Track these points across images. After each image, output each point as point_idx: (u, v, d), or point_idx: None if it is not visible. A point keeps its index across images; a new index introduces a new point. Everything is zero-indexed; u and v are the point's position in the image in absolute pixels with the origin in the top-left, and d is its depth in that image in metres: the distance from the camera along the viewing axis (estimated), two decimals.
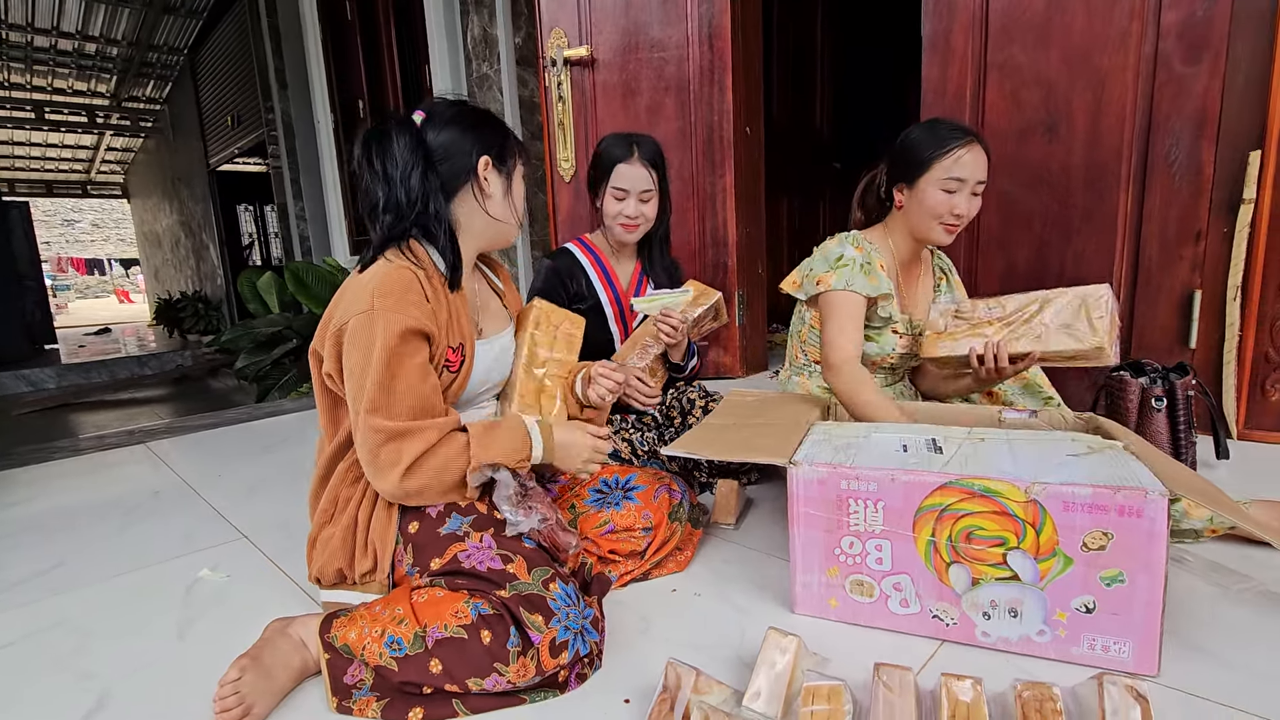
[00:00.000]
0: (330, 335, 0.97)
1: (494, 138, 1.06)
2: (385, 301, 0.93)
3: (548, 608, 0.86)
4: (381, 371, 0.92)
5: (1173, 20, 1.61)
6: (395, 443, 0.92)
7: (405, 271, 0.97)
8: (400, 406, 0.93)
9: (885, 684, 0.75)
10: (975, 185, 1.31)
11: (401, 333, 0.93)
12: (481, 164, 1.05)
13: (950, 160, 1.29)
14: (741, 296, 2.48)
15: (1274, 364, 1.63)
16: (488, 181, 1.06)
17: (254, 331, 4.08)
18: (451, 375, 1.03)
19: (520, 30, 2.91)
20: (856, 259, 1.35)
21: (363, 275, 0.99)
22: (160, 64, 7.63)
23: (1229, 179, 1.60)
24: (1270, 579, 1.04)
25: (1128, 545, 0.81)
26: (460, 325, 1.05)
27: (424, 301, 0.97)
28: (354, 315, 0.94)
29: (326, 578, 1.03)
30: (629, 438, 1.46)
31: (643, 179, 1.47)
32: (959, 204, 1.31)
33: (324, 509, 1.04)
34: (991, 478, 0.86)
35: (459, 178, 1.04)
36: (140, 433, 2.37)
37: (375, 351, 0.92)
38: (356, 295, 0.96)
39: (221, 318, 8.45)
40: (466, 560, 0.93)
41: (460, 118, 1.05)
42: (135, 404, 5.84)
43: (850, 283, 1.33)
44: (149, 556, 1.34)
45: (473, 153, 1.04)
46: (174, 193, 9.63)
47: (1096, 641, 0.84)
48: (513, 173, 1.09)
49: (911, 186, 1.35)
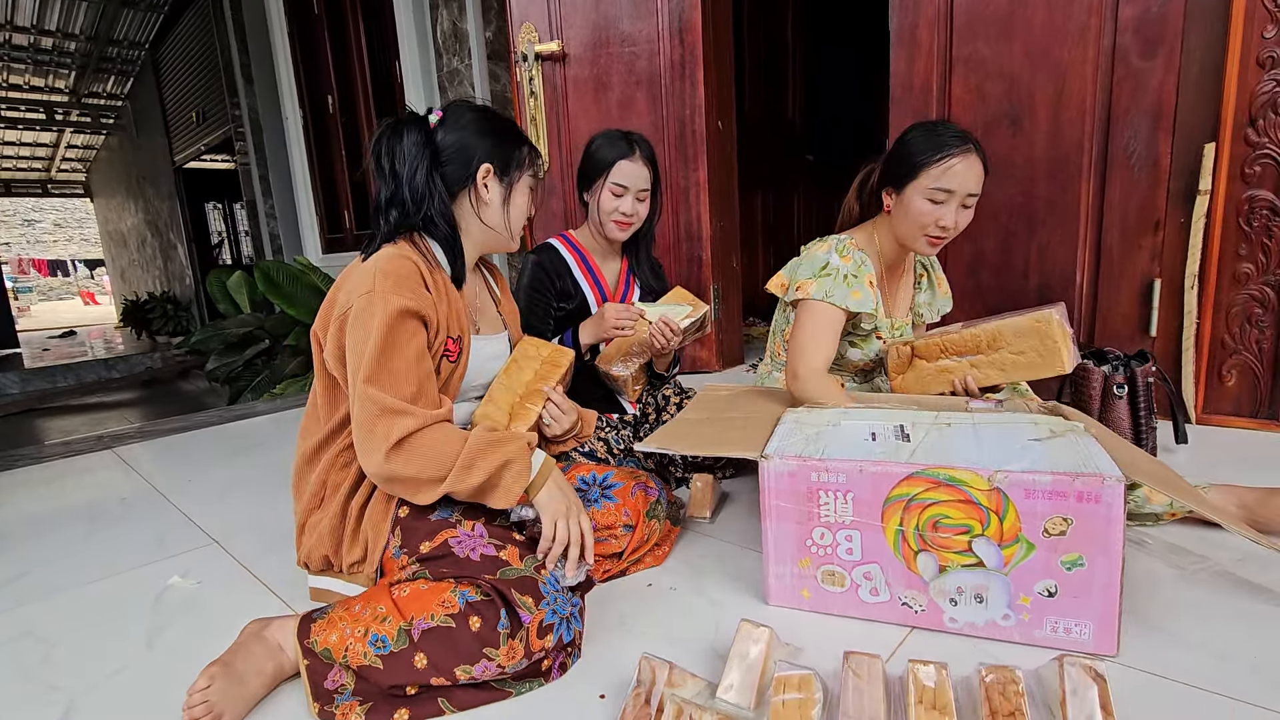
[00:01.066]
0: (335, 319, 0.98)
1: (502, 147, 1.08)
2: (386, 283, 0.95)
3: (538, 590, 0.88)
4: (380, 346, 0.93)
5: (1130, 15, 1.64)
6: (390, 417, 0.92)
7: (407, 260, 0.99)
8: (399, 384, 0.94)
9: (854, 671, 0.76)
10: (965, 198, 1.25)
11: (401, 311, 0.94)
12: (482, 171, 1.06)
13: (940, 169, 1.24)
14: (717, 291, 2.49)
15: (1230, 350, 1.68)
16: (486, 189, 1.08)
17: (225, 332, 4.01)
18: (451, 365, 1.05)
19: (491, 25, 2.88)
20: (842, 269, 1.30)
21: (366, 262, 1.00)
22: (121, 59, 7.43)
23: (1185, 170, 1.65)
24: (1226, 559, 1.07)
25: (1087, 530, 0.83)
26: (459, 317, 1.07)
27: (423, 289, 0.99)
28: (357, 297, 0.96)
29: (314, 563, 1.04)
30: (604, 436, 1.47)
31: (643, 177, 1.47)
32: (945, 216, 1.25)
33: (314, 492, 1.05)
34: (956, 467, 0.88)
35: (460, 181, 1.07)
36: (108, 438, 2.32)
37: (375, 328, 0.94)
38: (360, 278, 0.98)
39: (191, 318, 8.28)
40: (458, 547, 0.93)
41: (473, 123, 1.07)
42: (103, 408, 5.71)
43: (830, 294, 1.29)
44: (117, 564, 1.32)
45: (475, 159, 1.06)
46: (139, 191, 9.40)
47: (1059, 624, 0.87)
48: (515, 184, 1.10)
49: (900, 192, 1.30)
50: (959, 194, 1.24)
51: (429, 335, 1.00)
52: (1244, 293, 1.64)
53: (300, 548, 1.06)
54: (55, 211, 21.36)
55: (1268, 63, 1.53)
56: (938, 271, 1.57)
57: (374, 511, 1.00)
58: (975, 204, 1.28)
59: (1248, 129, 1.58)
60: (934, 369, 1.36)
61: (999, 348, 1.30)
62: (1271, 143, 1.56)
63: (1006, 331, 1.29)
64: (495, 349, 1.17)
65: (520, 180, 1.11)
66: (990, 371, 1.31)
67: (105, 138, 10.45)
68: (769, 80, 3.64)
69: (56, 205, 20.70)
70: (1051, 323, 1.25)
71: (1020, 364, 1.28)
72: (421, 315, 0.98)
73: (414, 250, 1.02)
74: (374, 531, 0.99)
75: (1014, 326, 1.28)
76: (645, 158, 1.47)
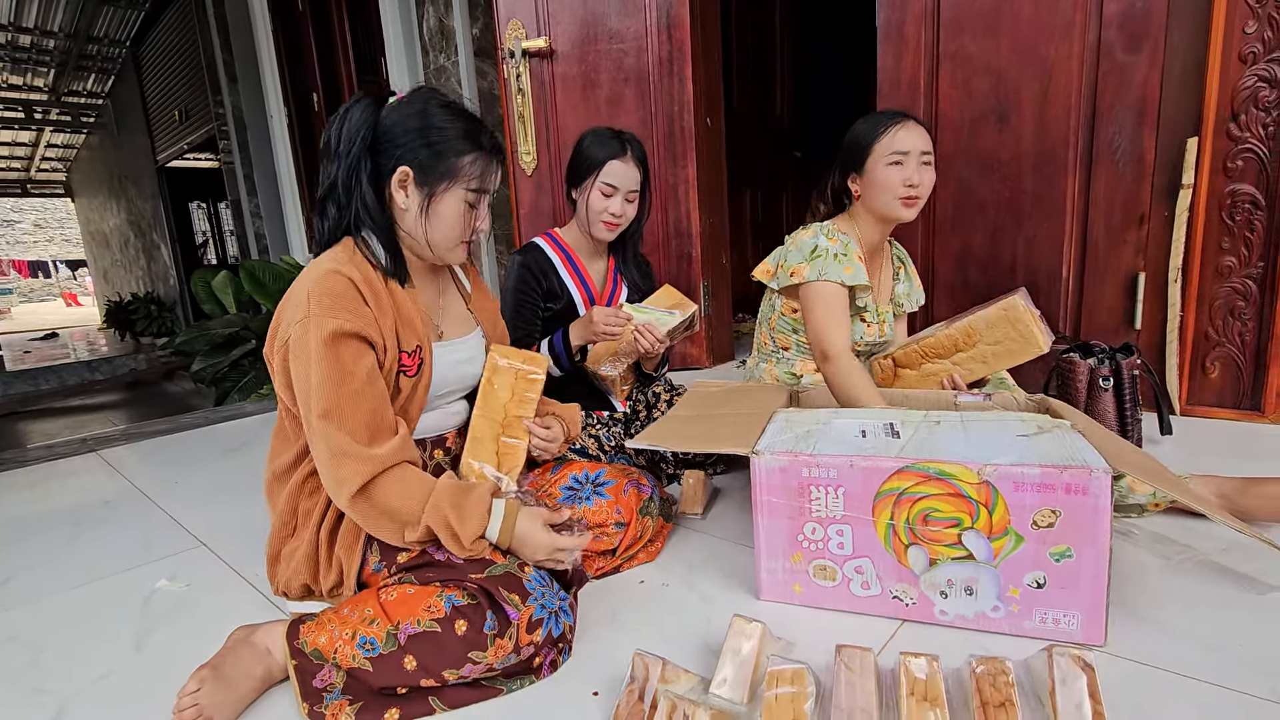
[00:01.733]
0: (278, 349, 0.94)
1: (433, 151, 0.96)
2: (320, 306, 0.90)
3: (524, 588, 0.87)
4: (324, 378, 0.89)
5: (1114, 10, 1.66)
6: (346, 462, 0.89)
7: (339, 277, 0.92)
8: (351, 415, 0.90)
9: (846, 665, 0.77)
10: (921, 156, 1.35)
11: (338, 335, 0.90)
12: (399, 174, 0.97)
13: (888, 138, 1.35)
14: (707, 287, 2.49)
15: (1214, 342, 1.70)
16: (404, 194, 0.98)
17: (210, 333, 3.97)
18: (411, 380, 1.00)
19: (478, 21, 2.87)
20: (831, 249, 1.38)
21: (303, 274, 0.95)
22: (101, 57, 7.32)
23: (1169, 165, 1.66)
24: (1210, 549, 1.09)
25: (1075, 521, 0.84)
26: (414, 327, 1.00)
27: (362, 306, 0.93)
28: (294, 325, 0.91)
29: (293, 591, 1.02)
30: (596, 434, 1.46)
31: (633, 178, 1.46)
32: (910, 174, 1.34)
33: (284, 521, 1.02)
34: (946, 461, 0.88)
35: (382, 177, 0.98)
36: (92, 440, 2.29)
37: (315, 359, 0.89)
38: (296, 301, 0.93)
39: (175, 319, 8.18)
40: (438, 553, 0.93)
41: (417, 115, 0.97)
42: (86, 411, 5.64)
43: (825, 273, 1.36)
44: (103, 568, 1.30)
45: (397, 158, 0.96)
46: (121, 191, 9.27)
47: (1048, 615, 0.88)
48: (437, 196, 0.97)
49: (862, 172, 1.40)
50: (914, 153, 1.35)
51: (377, 354, 0.95)
52: (1226, 286, 1.66)
53: (275, 578, 1.02)
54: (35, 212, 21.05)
55: (1249, 58, 1.55)
56: (911, 266, 1.62)
57: (345, 535, 0.98)
58: (933, 162, 1.38)
59: (1230, 124, 1.59)
60: (918, 375, 1.39)
61: (975, 342, 1.34)
62: (1253, 137, 1.58)
63: (979, 325, 1.33)
64: (463, 352, 1.10)
65: (448, 193, 0.97)
66: (973, 366, 1.35)
67: (86, 137, 10.30)
68: (757, 77, 3.64)
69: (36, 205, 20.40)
70: (1018, 308, 1.29)
71: (1000, 353, 1.32)
72: (362, 336, 0.92)
73: (355, 257, 0.96)
74: (346, 554, 0.97)
75: (985, 319, 1.32)
76: (636, 158, 1.46)
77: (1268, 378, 1.63)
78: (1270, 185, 1.58)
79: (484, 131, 1.01)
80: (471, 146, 0.98)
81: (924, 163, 1.36)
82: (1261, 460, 1.43)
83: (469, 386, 1.13)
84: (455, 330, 1.12)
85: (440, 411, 1.10)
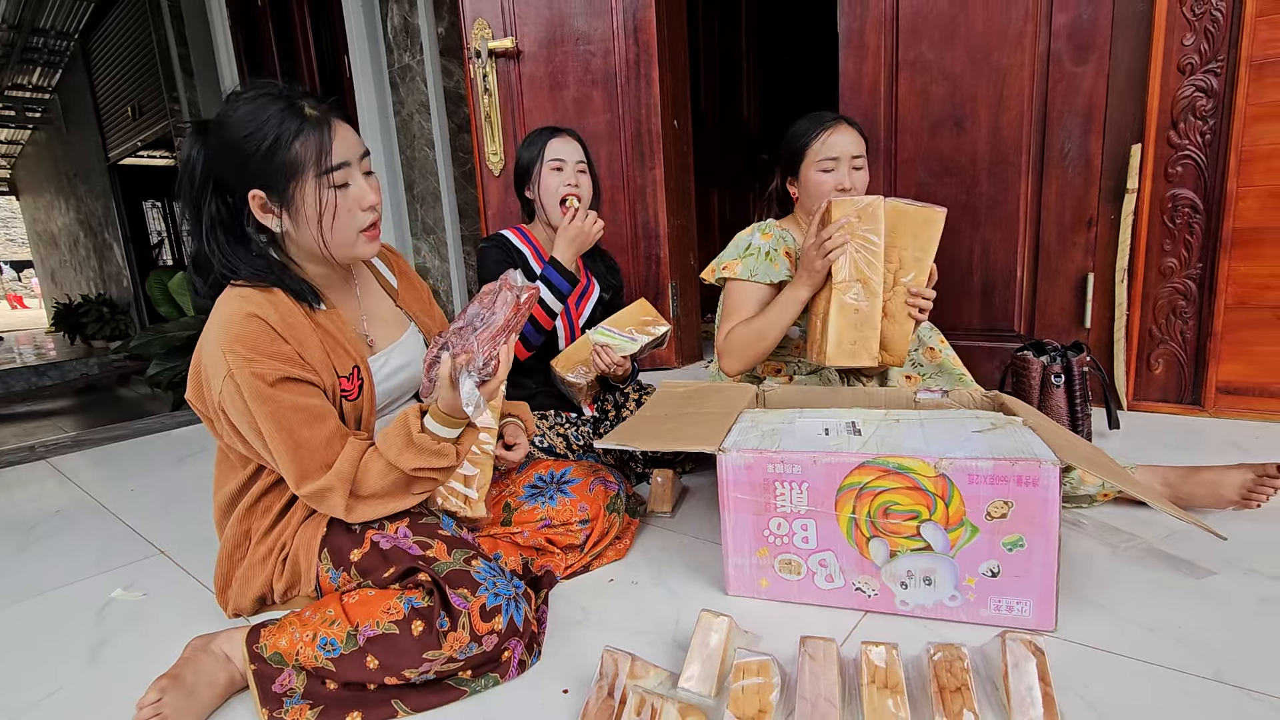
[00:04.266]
0: (213, 408, 0.90)
1: (261, 157, 0.83)
2: (238, 358, 0.84)
3: (472, 580, 0.87)
4: (279, 436, 0.86)
5: (1063, 22, 1.72)
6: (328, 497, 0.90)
7: (252, 321, 0.85)
8: (316, 453, 0.89)
9: (810, 655, 0.79)
10: (852, 160, 1.38)
11: (266, 385, 0.85)
12: (252, 201, 0.87)
13: (819, 143, 1.38)
14: (674, 288, 2.51)
15: (1158, 340, 1.78)
16: (271, 215, 0.88)
17: (167, 335, 3.84)
18: (353, 404, 0.96)
19: (443, 20, 2.84)
20: (763, 246, 1.42)
21: (212, 320, 0.88)
22: (48, 49, 7.04)
23: (1115, 170, 1.74)
24: (1154, 536, 1.14)
25: (1026, 512, 0.87)
26: (345, 348, 0.95)
27: (280, 345, 0.86)
28: (221, 382, 0.85)
29: (247, 609, 1.01)
30: (564, 433, 1.47)
31: (576, 151, 1.51)
32: (841, 179, 1.37)
33: (236, 544, 1.00)
34: (905, 456, 0.91)
35: (241, 214, 0.88)
36: (41, 448, 2.21)
37: (257, 415, 0.85)
38: (213, 356, 0.87)
39: (129, 322, 7.91)
40: (383, 541, 0.92)
41: (228, 127, 0.84)
42: (34, 417, 5.41)
43: (754, 272, 1.41)
44: (54, 579, 1.26)
45: (239, 183, 0.86)
46: (70, 189, 8.93)
47: (1002, 603, 0.91)
48: (295, 197, 0.85)
49: (797, 177, 1.44)
50: (844, 159, 1.38)
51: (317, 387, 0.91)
52: (1169, 286, 1.74)
53: (227, 603, 1.01)
54: None
55: (1187, 69, 1.63)
56: None
57: (303, 539, 0.97)
58: (865, 165, 1.41)
59: (1170, 131, 1.67)
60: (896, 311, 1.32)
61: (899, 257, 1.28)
62: (1191, 144, 1.65)
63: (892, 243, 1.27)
64: (399, 358, 1.04)
65: (303, 188, 0.85)
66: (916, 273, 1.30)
67: (32, 132, 9.89)
68: (725, 82, 3.68)
69: None
70: (881, 203, 1.24)
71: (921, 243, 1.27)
72: (292, 377, 0.87)
73: (258, 293, 0.87)
74: (305, 550, 0.96)
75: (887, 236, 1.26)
76: (572, 136, 1.52)
77: (1207, 374, 1.71)
78: (1208, 190, 1.66)
79: (303, 100, 0.87)
80: (295, 125, 0.84)
81: (855, 167, 1.39)
82: (1202, 452, 1.50)
83: (415, 389, 1.11)
84: (387, 336, 1.05)
85: (388, 419, 1.07)
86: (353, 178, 0.90)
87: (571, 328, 1.58)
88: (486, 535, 1.12)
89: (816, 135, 1.39)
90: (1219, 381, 1.71)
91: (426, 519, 0.99)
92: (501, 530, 1.13)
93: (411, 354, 1.07)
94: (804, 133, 1.41)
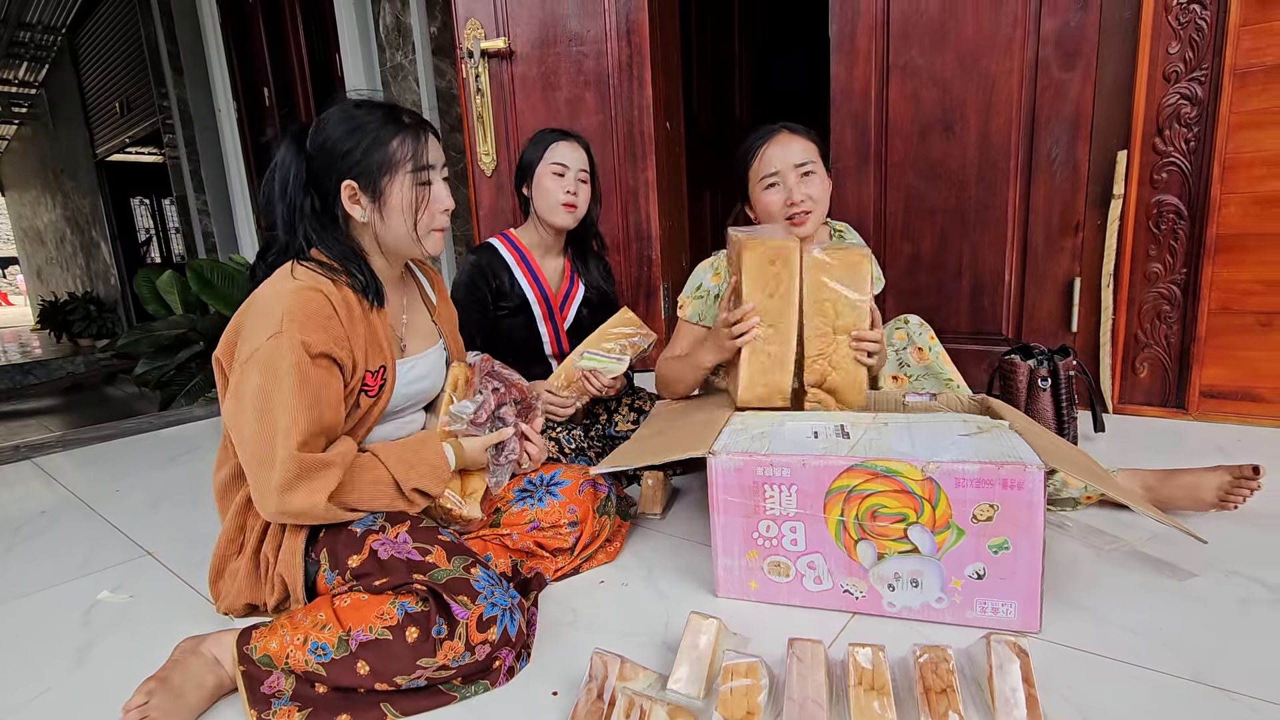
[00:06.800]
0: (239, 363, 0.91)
1: (363, 153, 0.95)
2: (294, 323, 0.88)
3: (471, 589, 0.87)
4: (298, 398, 0.88)
5: (1051, 28, 1.74)
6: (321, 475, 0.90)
7: (316, 294, 0.91)
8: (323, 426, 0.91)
9: (798, 657, 0.79)
10: (796, 170, 1.29)
11: (311, 355, 0.89)
12: (345, 191, 0.97)
13: (757, 162, 1.33)
14: (666, 289, 2.52)
15: (1143, 344, 1.80)
16: (357, 207, 0.98)
17: (155, 334, 3.82)
18: (371, 399, 1.00)
19: (436, 19, 2.83)
20: (711, 290, 1.40)
21: (273, 287, 0.93)
22: (35, 44, 6.97)
23: (1101, 175, 1.76)
24: (1136, 539, 1.15)
25: (1011, 515, 0.89)
26: (381, 345, 1.01)
27: (337, 325, 0.93)
28: (265, 339, 0.88)
29: (237, 611, 1.00)
30: (556, 436, 1.47)
31: (581, 159, 1.50)
32: (791, 193, 1.30)
33: (231, 537, 1.00)
34: (892, 459, 0.92)
35: (333, 205, 0.98)
36: (25, 448, 2.19)
37: (287, 379, 0.87)
38: (268, 314, 0.90)
39: (117, 320, 7.84)
40: (382, 549, 0.92)
41: (334, 129, 0.96)
42: (19, 416, 5.36)
43: (701, 315, 1.40)
44: (39, 580, 1.25)
45: (335, 177, 0.96)
46: (57, 185, 8.84)
47: (987, 604, 0.92)
48: (385, 190, 0.97)
49: (749, 199, 1.39)
50: (786, 170, 1.30)
51: (344, 375, 0.95)
52: (1154, 291, 1.76)
53: (220, 596, 1.01)
54: None
55: (1173, 76, 1.65)
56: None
57: (285, 554, 0.96)
58: (819, 169, 1.31)
59: (1155, 138, 1.69)
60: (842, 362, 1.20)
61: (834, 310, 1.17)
62: (1176, 151, 1.68)
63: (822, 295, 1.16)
64: (423, 368, 1.10)
65: (393, 182, 0.97)
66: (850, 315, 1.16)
67: (18, 128, 9.79)
68: (718, 84, 3.69)
69: None
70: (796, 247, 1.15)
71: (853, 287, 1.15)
72: (333, 356, 0.92)
73: (323, 273, 0.95)
74: (288, 571, 0.96)
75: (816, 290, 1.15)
76: (579, 143, 1.52)
77: (1191, 378, 1.74)
78: (1192, 196, 1.68)
79: (402, 111, 1.00)
80: (395, 129, 0.97)
81: (804, 174, 1.30)
82: (1185, 455, 1.52)
83: (425, 400, 1.14)
84: (418, 344, 1.12)
85: (395, 423, 1.09)
86: (436, 182, 1.01)
87: (556, 332, 1.58)
88: (475, 537, 1.12)
89: (754, 153, 1.33)
90: (1202, 385, 1.74)
91: (425, 524, 0.99)
92: (490, 532, 1.13)
93: (434, 368, 1.12)
94: (744, 152, 1.35)
